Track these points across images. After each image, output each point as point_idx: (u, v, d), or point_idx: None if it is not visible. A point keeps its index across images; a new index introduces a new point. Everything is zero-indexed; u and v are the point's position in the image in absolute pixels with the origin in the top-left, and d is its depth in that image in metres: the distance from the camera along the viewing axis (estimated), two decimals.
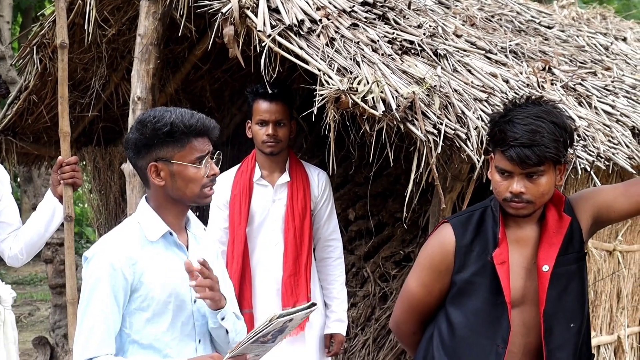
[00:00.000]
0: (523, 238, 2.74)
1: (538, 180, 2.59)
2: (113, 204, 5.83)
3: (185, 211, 2.63)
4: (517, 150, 2.54)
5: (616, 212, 2.79)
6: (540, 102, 2.68)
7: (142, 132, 2.48)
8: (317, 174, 3.95)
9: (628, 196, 2.76)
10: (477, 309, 2.75)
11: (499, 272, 2.68)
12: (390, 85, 3.22)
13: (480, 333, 2.74)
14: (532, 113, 2.62)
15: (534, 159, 2.53)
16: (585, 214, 2.76)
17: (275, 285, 3.81)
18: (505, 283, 2.68)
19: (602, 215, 2.79)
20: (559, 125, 2.57)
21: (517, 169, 2.59)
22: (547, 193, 2.62)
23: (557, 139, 2.55)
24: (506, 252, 2.71)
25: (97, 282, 2.43)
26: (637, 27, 7.25)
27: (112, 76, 5.28)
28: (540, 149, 2.52)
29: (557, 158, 2.56)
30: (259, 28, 3.42)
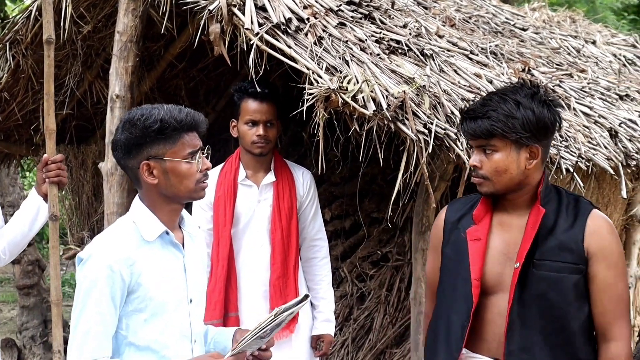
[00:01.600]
0: (507, 223, 2.74)
1: (492, 155, 2.62)
2: (86, 204, 5.74)
3: (179, 209, 2.59)
4: (466, 122, 2.65)
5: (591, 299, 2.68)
6: (528, 87, 2.68)
7: (132, 132, 2.43)
8: (301, 173, 3.92)
9: (597, 322, 2.68)
10: (453, 285, 2.79)
11: (470, 248, 2.73)
12: (380, 84, 3.21)
13: (452, 308, 2.77)
14: (502, 91, 2.69)
15: (478, 131, 2.60)
16: (592, 247, 2.63)
17: (262, 287, 3.75)
18: (474, 260, 2.71)
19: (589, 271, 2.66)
20: (523, 106, 2.57)
21: (471, 141, 2.69)
22: (503, 171, 2.62)
23: (511, 116, 2.56)
24: (484, 231, 2.74)
25: (94, 283, 2.37)
26: (605, 31, 7.35)
27: (87, 74, 5.19)
28: (485, 121, 2.58)
29: (503, 133, 2.56)
30: (246, 26, 3.39)
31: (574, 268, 2.62)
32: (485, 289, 2.73)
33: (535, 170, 2.67)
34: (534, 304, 2.64)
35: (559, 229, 2.65)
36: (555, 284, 2.62)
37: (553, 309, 2.63)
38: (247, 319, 3.70)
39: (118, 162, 2.53)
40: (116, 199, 4.14)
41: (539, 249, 2.65)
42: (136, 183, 2.54)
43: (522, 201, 2.72)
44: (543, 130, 2.62)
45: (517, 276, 2.64)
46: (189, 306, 2.57)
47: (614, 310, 2.62)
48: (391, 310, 4.90)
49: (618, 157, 4.17)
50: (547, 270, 2.63)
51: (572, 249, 2.62)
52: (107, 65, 5.12)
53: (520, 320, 2.64)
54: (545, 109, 2.62)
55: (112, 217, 4.10)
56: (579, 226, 2.63)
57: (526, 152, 2.62)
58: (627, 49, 6.98)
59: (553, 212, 2.68)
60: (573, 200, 2.72)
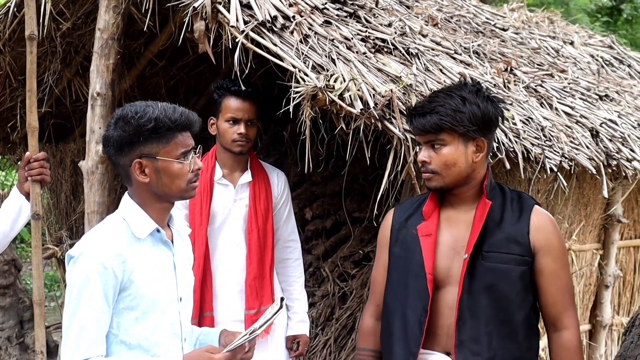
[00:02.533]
0: (454, 218, 2.82)
1: (440, 150, 2.71)
2: (64, 203, 5.67)
3: (169, 208, 2.57)
4: (415, 118, 2.74)
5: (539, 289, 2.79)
6: (471, 84, 2.81)
7: (125, 129, 2.40)
8: (276, 174, 3.89)
9: (547, 312, 2.79)
10: (404, 282, 2.84)
11: (422, 244, 2.80)
12: (367, 83, 3.20)
13: (407, 305, 2.82)
14: (447, 88, 2.82)
15: (427, 126, 2.69)
16: (538, 241, 2.75)
17: (237, 287, 3.72)
18: (427, 255, 2.78)
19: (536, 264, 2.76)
20: (469, 101, 2.68)
21: (420, 137, 2.77)
22: (451, 165, 2.71)
23: (459, 110, 2.66)
24: (433, 227, 2.82)
25: (86, 281, 2.33)
26: (582, 32, 7.42)
27: (65, 71, 5.13)
28: (434, 116, 2.67)
29: (452, 127, 2.65)
30: (231, 23, 3.36)
31: (521, 260, 2.71)
32: (436, 284, 2.80)
33: (481, 164, 2.76)
34: (483, 295, 2.72)
35: (505, 223, 2.74)
36: (503, 275, 2.71)
37: (501, 300, 2.71)
38: (222, 319, 3.67)
39: (109, 158, 2.51)
40: (97, 197, 4.08)
41: (487, 242, 2.73)
42: (126, 180, 2.51)
43: (468, 196, 2.80)
44: (488, 124, 2.73)
45: (465, 267, 2.72)
46: (178, 304, 2.55)
47: (563, 300, 2.74)
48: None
49: (600, 157, 4.20)
50: (495, 261, 2.72)
51: (519, 242, 2.71)
52: (87, 63, 5.07)
53: (470, 312, 2.72)
54: (489, 104, 2.73)
55: (93, 217, 4.05)
56: (524, 220, 2.74)
57: (473, 145, 2.72)
58: (604, 50, 7.04)
59: (499, 207, 2.77)
60: (516, 195, 2.84)
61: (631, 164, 4.51)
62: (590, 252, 5.26)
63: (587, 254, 5.21)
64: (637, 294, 6.00)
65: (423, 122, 2.70)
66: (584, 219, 4.99)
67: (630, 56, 7.24)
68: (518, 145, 3.52)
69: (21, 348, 6.69)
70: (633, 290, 5.97)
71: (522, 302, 2.74)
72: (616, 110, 5.05)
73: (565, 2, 13.46)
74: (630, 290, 5.95)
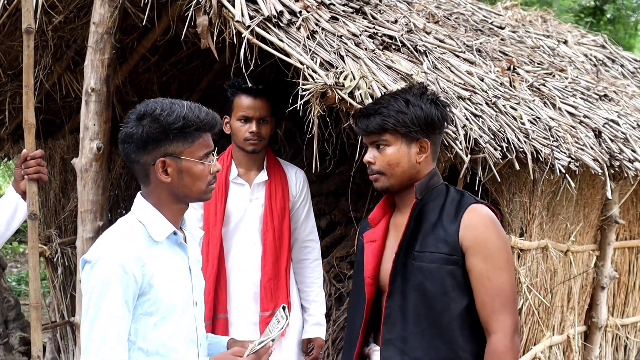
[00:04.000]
0: (400, 223, 2.82)
1: (384, 150, 2.73)
2: (53, 201, 5.53)
3: (185, 209, 2.49)
4: (360, 119, 2.77)
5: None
6: (416, 87, 2.81)
7: (152, 126, 2.32)
8: (294, 172, 3.81)
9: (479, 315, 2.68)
10: (358, 288, 2.89)
11: (365, 250, 2.85)
12: (378, 81, 3.11)
13: (356, 309, 2.88)
14: (394, 92, 2.86)
15: (370, 126, 2.71)
16: (466, 240, 2.66)
17: (253, 288, 3.64)
18: (367, 259, 2.82)
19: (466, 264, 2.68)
20: (412, 104, 2.69)
21: (365, 139, 2.79)
22: (395, 164, 2.72)
23: (401, 111, 2.68)
24: (380, 233, 2.85)
25: (106, 285, 2.24)
26: (575, 31, 7.38)
27: (56, 66, 5.00)
28: (377, 117, 2.70)
29: (394, 128, 2.67)
30: (237, 18, 3.26)
31: (448, 258, 2.66)
32: (381, 288, 2.81)
33: (425, 165, 2.76)
34: (412, 295, 2.69)
35: (441, 223, 2.71)
36: (430, 274, 2.67)
37: (429, 300, 2.67)
38: (236, 321, 3.60)
39: (126, 155, 2.40)
40: (91, 196, 3.96)
41: (420, 242, 2.71)
42: (143, 179, 2.42)
43: (410, 198, 2.78)
44: (431, 126, 2.73)
45: (392, 267, 2.73)
46: (194, 309, 2.47)
47: (492, 303, 2.64)
48: None
49: (604, 158, 4.14)
50: (424, 261, 2.68)
51: (446, 240, 2.67)
52: (78, 58, 4.96)
53: (401, 311, 2.70)
54: (432, 107, 2.73)
55: (87, 216, 3.95)
56: (457, 219, 2.69)
57: (416, 146, 2.72)
58: (597, 50, 7.01)
59: (438, 207, 2.74)
60: (459, 195, 2.79)
61: (633, 165, 4.46)
62: (587, 253, 5.22)
63: (583, 255, 5.17)
64: (631, 295, 5.98)
65: (367, 122, 2.74)
66: (583, 220, 4.95)
67: (623, 56, 7.22)
68: (527, 145, 3.44)
69: (5, 348, 6.55)
70: (627, 291, 5.95)
71: (451, 302, 2.67)
72: (615, 110, 5.01)
73: (549, 2, 13.46)
74: (625, 291, 5.93)
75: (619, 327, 5.82)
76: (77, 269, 5.32)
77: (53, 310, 5.70)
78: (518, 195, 3.85)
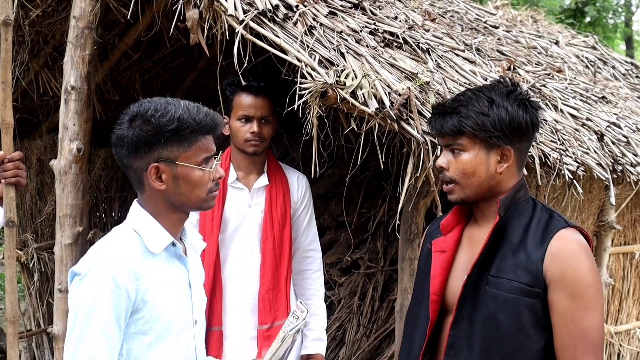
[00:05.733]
0: (475, 236, 2.50)
1: (459, 156, 2.40)
2: (29, 204, 5.29)
3: (184, 219, 2.27)
4: (435, 118, 2.44)
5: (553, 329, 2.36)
6: (505, 85, 2.46)
7: (143, 129, 2.11)
8: (296, 177, 3.59)
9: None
10: (419, 300, 2.59)
11: (433, 260, 2.52)
12: (382, 80, 2.92)
13: (415, 325, 2.56)
14: (478, 88, 2.48)
15: (445, 127, 2.39)
16: (551, 272, 2.31)
17: (250, 300, 3.41)
18: (435, 273, 2.50)
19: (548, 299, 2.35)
20: (497, 104, 2.36)
21: (440, 140, 2.48)
22: (470, 173, 2.39)
23: (482, 113, 2.35)
24: (451, 243, 2.52)
25: (96, 300, 2.02)
26: (565, 32, 7.25)
27: (33, 63, 4.77)
28: (454, 118, 2.38)
29: (472, 131, 2.35)
30: (229, 12, 3.05)
31: (528, 290, 2.31)
32: (447, 307, 2.49)
33: (508, 176, 2.42)
34: (482, 325, 2.37)
35: (524, 246, 2.36)
36: (505, 304, 2.33)
37: (502, 334, 2.34)
38: (231, 335, 3.37)
39: (119, 159, 2.20)
40: (70, 200, 3.74)
41: (497, 265, 2.37)
42: (138, 186, 2.21)
43: (492, 211, 2.45)
44: (517, 131, 2.38)
45: (462, 290, 2.40)
46: (194, 328, 2.26)
47: (574, 347, 2.28)
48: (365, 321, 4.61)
49: (608, 162, 3.98)
50: (500, 289, 2.34)
51: (528, 268, 2.32)
52: (56, 54, 4.74)
53: (467, 341, 2.38)
54: (520, 109, 2.38)
55: (66, 220, 3.73)
56: (543, 245, 2.32)
57: (497, 154, 2.39)
58: (587, 51, 6.88)
59: (523, 227, 2.40)
60: (547, 215, 2.42)
61: (635, 169, 4.30)
62: None
63: None
64: (625, 302, 5.84)
65: (441, 123, 2.40)
66: (581, 225, 4.80)
67: (614, 57, 7.09)
68: (535, 149, 3.27)
69: None
70: (621, 298, 5.81)
71: (527, 340, 2.32)
72: (614, 112, 4.86)
73: (534, 2, 13.38)
74: (619, 298, 5.79)
75: (612, 335, 5.68)
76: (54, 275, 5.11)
77: (29, 318, 5.46)
78: None
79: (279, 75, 3.36)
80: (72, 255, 3.71)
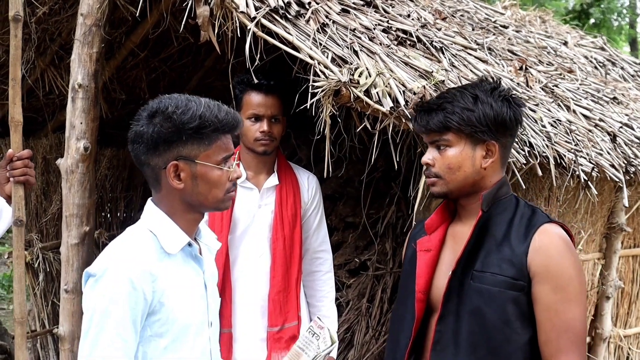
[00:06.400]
0: (459, 234, 2.53)
1: (445, 151, 2.45)
2: (34, 203, 5.24)
3: (200, 219, 2.24)
4: (420, 115, 2.49)
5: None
6: (488, 82, 2.53)
7: (164, 125, 2.07)
8: (307, 177, 3.56)
9: (541, 352, 2.37)
10: (404, 301, 2.59)
11: (418, 260, 2.55)
12: (396, 78, 2.87)
13: (401, 325, 2.57)
14: (462, 86, 2.53)
15: (431, 124, 2.44)
16: (535, 265, 2.35)
17: (260, 302, 3.37)
18: (420, 271, 2.52)
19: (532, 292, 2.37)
20: (481, 100, 2.40)
21: (425, 137, 2.51)
22: (456, 168, 2.43)
23: (467, 109, 2.40)
24: (435, 242, 2.55)
25: (113, 302, 1.98)
26: (573, 32, 7.20)
27: (39, 61, 4.72)
28: (439, 114, 2.42)
29: (458, 127, 2.39)
30: (241, 9, 3.01)
31: (512, 283, 2.35)
32: (432, 306, 2.52)
33: (492, 171, 2.47)
34: (468, 320, 2.40)
35: (508, 241, 2.40)
36: (490, 298, 2.36)
37: (487, 328, 2.37)
38: (241, 337, 3.33)
39: (136, 156, 2.15)
40: (77, 199, 3.70)
41: (482, 260, 2.41)
42: (154, 184, 2.17)
43: (475, 207, 2.49)
44: (501, 127, 2.43)
45: (447, 286, 2.42)
46: (209, 330, 2.22)
47: (558, 340, 2.32)
48: (374, 323, 4.57)
49: (622, 163, 3.93)
50: (484, 283, 2.38)
51: (512, 262, 2.36)
52: (62, 52, 4.69)
53: (454, 337, 2.40)
54: (504, 105, 2.44)
55: (72, 220, 3.68)
56: (527, 239, 2.38)
57: (482, 149, 2.44)
58: (596, 51, 6.83)
59: (506, 222, 2.44)
60: (530, 211, 2.48)
61: None
62: (592, 262, 5.02)
63: (589, 264, 4.97)
64: (634, 305, 5.79)
65: (427, 119, 2.46)
66: (591, 227, 4.75)
67: (623, 58, 7.04)
68: (550, 150, 3.22)
69: None
70: (630, 301, 5.76)
71: (512, 333, 2.35)
72: (625, 113, 4.80)
73: (541, 2, 13.34)
74: (628, 301, 5.74)
75: (621, 338, 5.63)
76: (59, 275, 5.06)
77: (33, 318, 5.41)
78: (535, 203, 3.63)
79: (286, 73, 3.32)
80: (78, 255, 3.67)
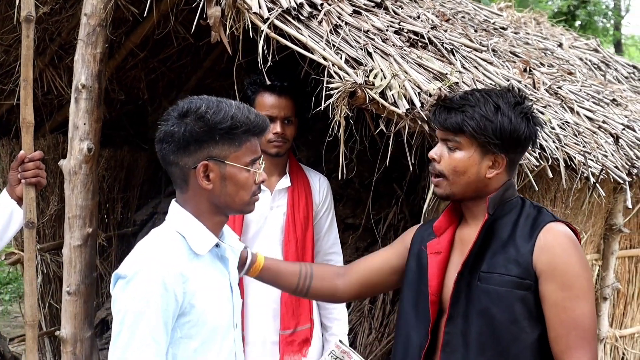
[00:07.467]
0: (466, 236, 2.54)
1: (454, 152, 2.45)
2: None
3: (225, 221, 2.22)
4: (439, 110, 2.49)
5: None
6: (513, 94, 2.51)
7: (196, 125, 2.06)
8: (318, 179, 3.54)
9: (552, 349, 2.38)
10: (414, 301, 2.59)
11: (429, 262, 2.55)
12: (411, 80, 2.86)
13: (412, 326, 2.57)
14: (487, 91, 2.51)
15: (448, 122, 2.43)
16: (541, 263, 2.37)
17: (272, 304, 3.35)
18: (432, 274, 2.53)
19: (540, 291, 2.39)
20: (502, 112, 2.39)
21: (439, 132, 2.50)
22: (461, 172, 2.44)
23: (488, 118, 2.38)
24: (445, 244, 2.56)
25: (146, 304, 1.96)
26: (567, 34, 7.23)
27: (38, 61, 4.68)
28: (458, 115, 2.41)
29: (473, 133, 2.39)
30: (253, 10, 2.98)
31: (519, 283, 2.36)
32: (444, 306, 2.52)
33: (496, 181, 2.48)
34: (477, 321, 2.41)
35: (513, 241, 2.42)
36: (498, 298, 2.37)
37: (496, 328, 2.38)
38: (253, 340, 3.31)
39: (164, 157, 2.13)
40: (80, 201, 3.65)
41: (488, 261, 2.42)
42: (181, 184, 2.15)
43: (481, 210, 2.50)
44: (514, 142, 2.44)
45: (454, 287, 2.44)
46: (234, 332, 2.20)
47: (567, 336, 2.32)
48: (376, 324, 4.55)
49: (625, 165, 3.95)
50: (491, 283, 2.40)
51: (518, 261, 2.37)
52: (61, 52, 4.65)
53: (462, 339, 2.42)
54: (523, 122, 2.44)
55: (75, 222, 3.64)
56: (532, 238, 2.39)
57: (490, 159, 2.45)
58: (590, 53, 6.86)
59: (512, 223, 2.46)
60: (535, 211, 2.49)
61: None
62: (590, 264, 5.05)
63: None
64: (630, 306, 5.82)
65: (445, 116, 2.45)
66: (590, 229, 4.77)
67: (616, 60, 7.07)
68: (560, 152, 3.22)
69: None
70: (626, 301, 5.79)
71: (521, 332, 2.36)
72: (625, 115, 4.83)
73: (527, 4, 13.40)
74: (624, 301, 5.76)
75: (617, 339, 5.66)
76: (58, 277, 5.01)
77: None
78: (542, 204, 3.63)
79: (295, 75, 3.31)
80: (81, 257, 3.62)
